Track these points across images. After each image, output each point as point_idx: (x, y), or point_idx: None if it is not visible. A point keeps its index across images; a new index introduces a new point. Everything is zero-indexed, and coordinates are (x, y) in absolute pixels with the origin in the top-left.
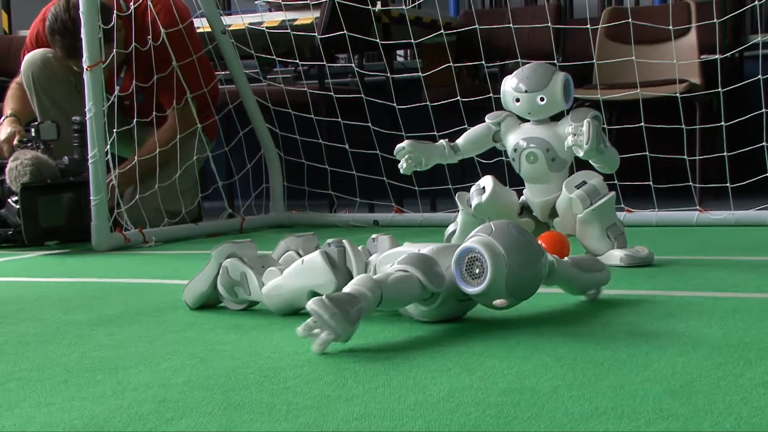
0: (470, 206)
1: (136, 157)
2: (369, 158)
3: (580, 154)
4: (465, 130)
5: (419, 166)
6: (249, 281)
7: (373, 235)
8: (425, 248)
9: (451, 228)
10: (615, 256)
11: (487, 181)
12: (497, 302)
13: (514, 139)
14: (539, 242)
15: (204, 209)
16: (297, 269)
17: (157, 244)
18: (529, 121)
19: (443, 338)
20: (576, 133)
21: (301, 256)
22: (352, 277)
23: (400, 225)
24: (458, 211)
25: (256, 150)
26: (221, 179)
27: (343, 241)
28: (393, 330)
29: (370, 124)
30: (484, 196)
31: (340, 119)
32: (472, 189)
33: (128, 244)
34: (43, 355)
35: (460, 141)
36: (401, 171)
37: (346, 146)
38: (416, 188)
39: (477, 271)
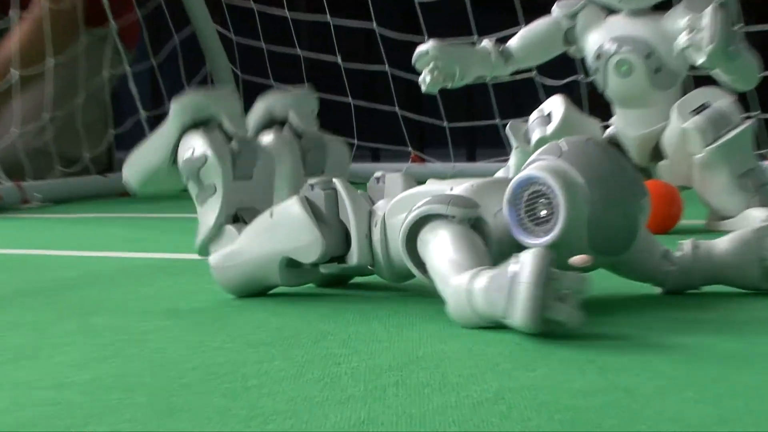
0: (529, 142)
1: None
2: (372, 78)
3: (700, 60)
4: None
5: (450, 80)
6: (211, 174)
7: (377, 173)
8: (460, 186)
9: (500, 176)
10: (754, 217)
11: (555, 105)
12: (576, 260)
13: (597, 39)
14: None
15: (117, 155)
16: (263, 226)
17: (44, 204)
18: (620, 11)
19: None
20: (694, 28)
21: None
22: (347, 234)
23: (420, 181)
24: (510, 153)
25: (199, 64)
26: (145, 109)
27: (334, 180)
28: (407, 311)
29: (374, 24)
30: (551, 127)
31: (328, 16)
32: (533, 116)
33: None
34: None
35: (513, 43)
36: (423, 88)
37: (338, 59)
38: (445, 124)
39: (543, 212)
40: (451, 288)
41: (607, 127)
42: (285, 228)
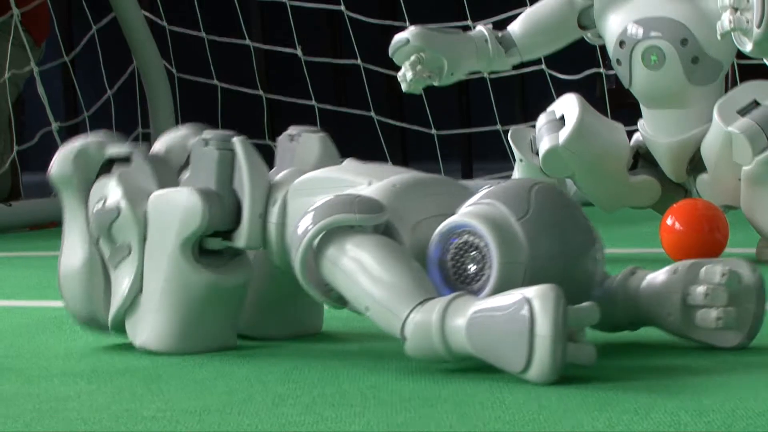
0: (537, 153)
1: None
2: (341, 74)
3: (748, 47)
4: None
5: (437, 76)
6: (125, 230)
7: (292, 129)
8: (379, 183)
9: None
10: None
11: (568, 106)
12: None
13: (619, 22)
14: (672, 221)
15: (24, 177)
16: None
17: None
18: None
19: None
20: (738, 8)
21: None
22: (239, 208)
23: None
24: (514, 167)
25: (125, 62)
26: (57, 118)
27: (235, 140)
28: (383, 366)
29: (342, 7)
30: (564, 133)
31: None
32: (541, 120)
33: None
34: None
35: (515, 28)
36: (403, 87)
37: (297, 50)
38: (433, 131)
39: (472, 268)
40: (414, 322)
41: (634, 132)
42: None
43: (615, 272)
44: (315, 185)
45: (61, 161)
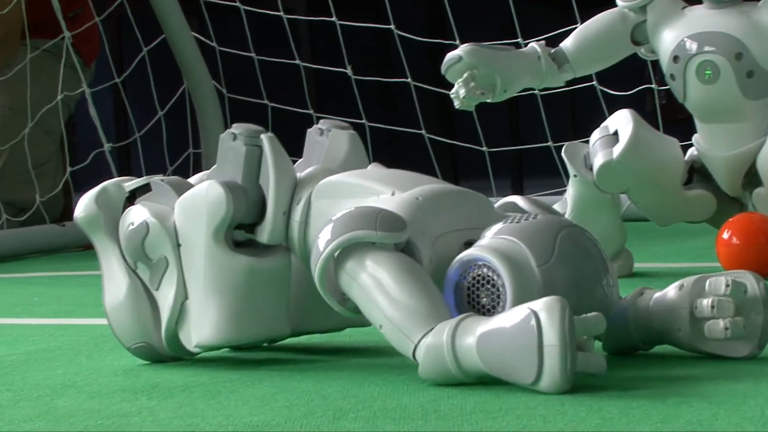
0: (591, 169)
1: None
2: (391, 93)
3: None
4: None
5: (490, 93)
6: (157, 244)
7: (322, 123)
8: (404, 194)
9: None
10: None
11: (622, 121)
12: None
13: (673, 37)
14: (729, 235)
15: (75, 198)
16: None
17: None
18: (702, 2)
19: None
20: None
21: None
22: (263, 203)
23: None
24: (567, 184)
25: (175, 83)
26: (109, 139)
27: (263, 136)
28: None
29: (392, 26)
30: (618, 148)
31: (334, 18)
32: (595, 135)
33: None
34: None
35: (568, 45)
36: (456, 103)
37: (348, 70)
38: (484, 149)
39: (485, 300)
40: (425, 345)
41: (688, 147)
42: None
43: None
44: (340, 189)
45: (84, 205)
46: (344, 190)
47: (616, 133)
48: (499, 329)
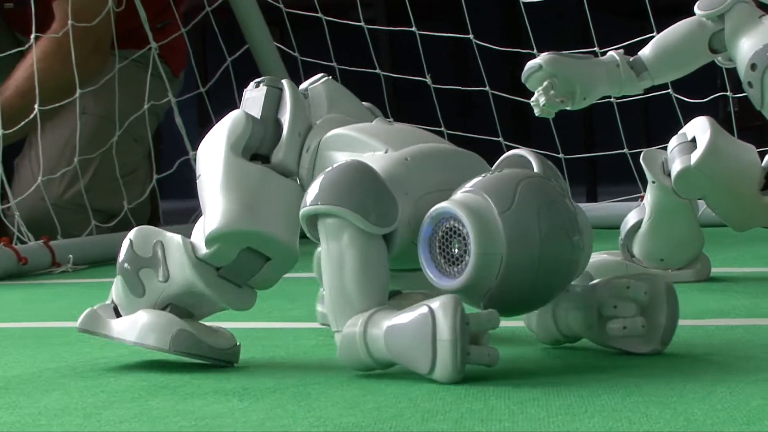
0: (669, 175)
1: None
2: (468, 100)
3: None
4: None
5: (570, 100)
6: (168, 251)
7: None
8: (396, 148)
9: (632, 219)
10: None
11: (700, 128)
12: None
13: (751, 45)
14: None
15: (162, 204)
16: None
17: (76, 268)
18: None
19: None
20: None
21: None
22: (279, 136)
23: None
24: (645, 188)
25: None
26: (194, 147)
27: (284, 81)
28: (528, 383)
29: (471, 36)
30: (696, 155)
31: (414, 28)
32: (673, 142)
33: (24, 267)
34: None
35: (647, 53)
36: (536, 111)
37: (428, 79)
38: (561, 156)
39: (456, 251)
40: (342, 334)
41: (763, 153)
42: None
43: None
44: (344, 142)
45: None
46: (347, 142)
47: (694, 140)
48: (402, 324)
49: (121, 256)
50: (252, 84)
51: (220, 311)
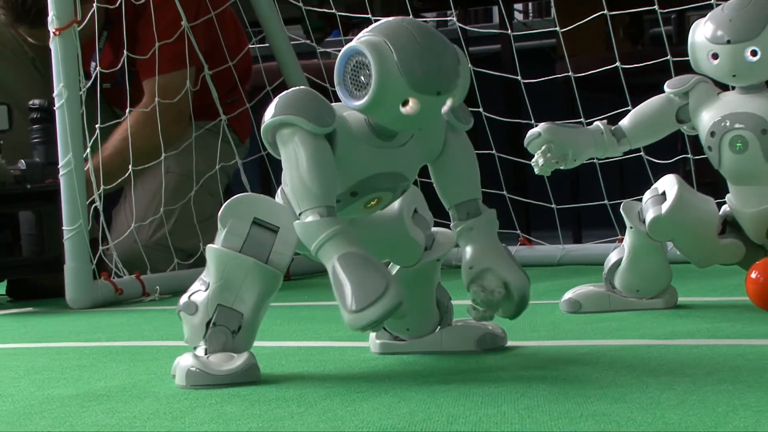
0: (644, 222)
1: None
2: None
3: None
4: (627, 113)
5: (563, 161)
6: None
7: None
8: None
9: (613, 257)
10: None
11: (669, 184)
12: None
13: (710, 116)
14: (756, 275)
15: None
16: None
17: (162, 297)
18: (733, 88)
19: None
20: None
21: None
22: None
23: (529, 263)
24: (623, 234)
25: None
26: None
27: None
28: (534, 392)
29: (480, 109)
30: (666, 206)
31: None
32: (647, 195)
33: (120, 297)
34: None
35: (625, 123)
36: (536, 170)
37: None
38: (553, 206)
39: (363, 79)
40: (306, 223)
41: (722, 204)
42: None
43: None
44: None
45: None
46: None
47: (664, 194)
48: (356, 272)
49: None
50: None
51: (263, 298)
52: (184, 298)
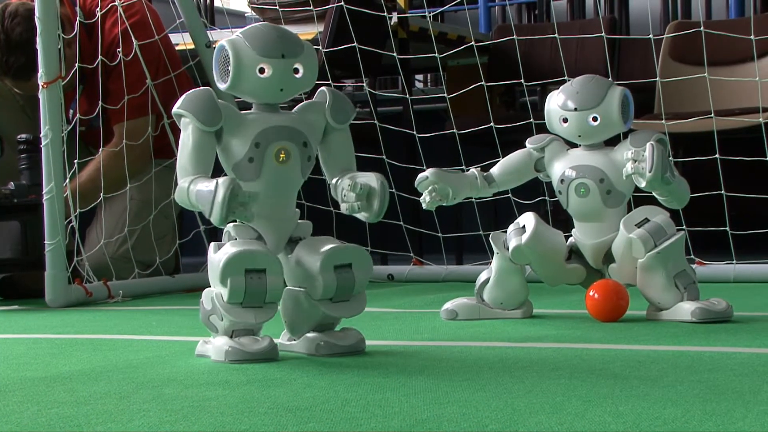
0: (508, 249)
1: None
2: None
3: (642, 184)
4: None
5: (445, 199)
6: (217, 302)
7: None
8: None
9: (483, 276)
10: (685, 309)
11: (528, 220)
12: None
13: (560, 167)
14: (593, 293)
15: (182, 260)
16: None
17: (125, 299)
18: (579, 146)
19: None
20: (637, 159)
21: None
22: None
23: (419, 280)
24: (492, 258)
25: None
26: (204, 223)
27: None
28: (413, 383)
29: (384, 157)
30: (525, 237)
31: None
32: (510, 228)
33: (90, 299)
34: None
35: (494, 170)
36: (424, 206)
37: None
38: (439, 234)
39: (228, 66)
40: (179, 186)
41: (569, 236)
42: None
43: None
44: None
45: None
46: None
47: (524, 227)
48: (203, 189)
49: (201, 311)
50: None
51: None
52: (203, 316)
